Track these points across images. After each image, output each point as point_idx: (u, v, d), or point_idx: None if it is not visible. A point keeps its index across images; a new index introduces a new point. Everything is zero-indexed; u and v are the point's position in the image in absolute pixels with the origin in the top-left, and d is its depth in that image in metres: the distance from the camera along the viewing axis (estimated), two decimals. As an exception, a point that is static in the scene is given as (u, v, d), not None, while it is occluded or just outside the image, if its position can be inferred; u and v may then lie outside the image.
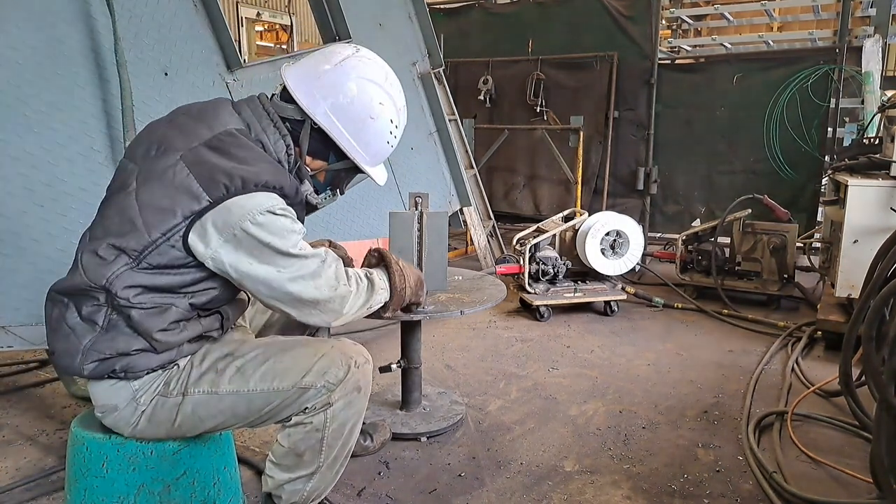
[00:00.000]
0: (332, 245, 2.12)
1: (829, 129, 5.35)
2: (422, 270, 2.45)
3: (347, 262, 2.13)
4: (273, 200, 1.58)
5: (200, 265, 1.58)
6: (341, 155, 1.79)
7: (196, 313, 1.65)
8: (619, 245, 4.41)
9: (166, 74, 3.05)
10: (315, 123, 1.72)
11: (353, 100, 1.73)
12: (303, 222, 1.71)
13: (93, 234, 1.62)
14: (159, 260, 1.54)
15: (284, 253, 1.59)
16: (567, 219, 4.60)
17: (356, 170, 1.85)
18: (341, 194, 1.94)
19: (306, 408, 1.64)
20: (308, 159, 1.78)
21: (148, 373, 1.62)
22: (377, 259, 1.99)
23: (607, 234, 4.37)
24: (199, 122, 1.65)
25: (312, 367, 1.64)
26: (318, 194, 1.84)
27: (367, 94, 1.75)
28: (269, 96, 1.79)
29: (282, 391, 1.63)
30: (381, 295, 1.86)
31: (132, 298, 1.54)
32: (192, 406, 1.63)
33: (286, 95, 1.74)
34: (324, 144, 1.76)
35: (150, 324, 1.57)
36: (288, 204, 1.62)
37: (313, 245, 2.07)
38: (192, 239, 1.54)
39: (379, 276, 1.88)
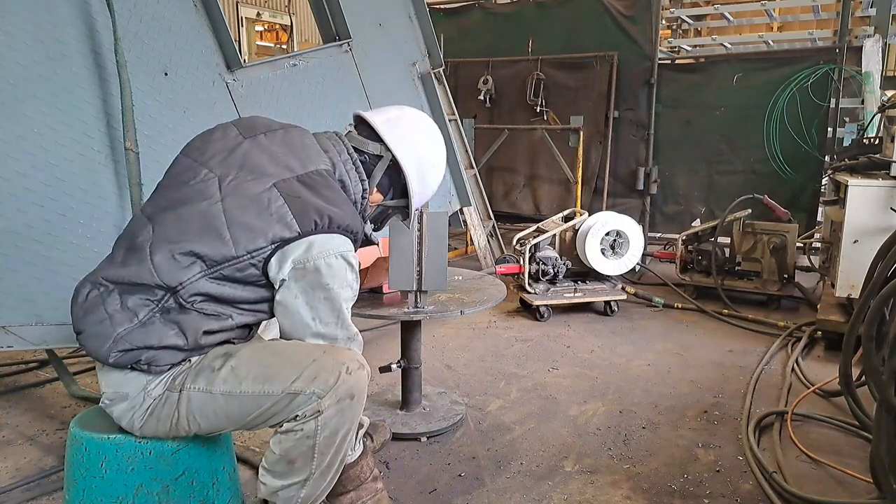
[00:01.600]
0: None
1: (829, 129, 5.35)
2: (422, 270, 2.46)
3: None
4: (349, 246, 1.70)
5: (267, 286, 1.67)
6: (399, 194, 2.00)
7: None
8: (619, 245, 4.41)
9: (166, 74, 3.05)
10: (394, 160, 1.92)
11: (428, 145, 2.01)
12: None
13: (165, 233, 1.63)
14: (236, 274, 1.62)
15: (333, 302, 1.67)
16: (567, 219, 4.60)
17: (403, 209, 2.06)
18: (378, 230, 2.10)
19: (297, 415, 1.61)
20: (373, 190, 1.93)
21: (169, 368, 1.63)
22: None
23: (607, 234, 4.37)
24: (289, 154, 1.75)
25: (303, 372, 1.60)
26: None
27: (437, 143, 2.05)
28: (345, 132, 1.95)
29: (272, 395, 1.61)
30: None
31: (196, 304, 1.61)
32: (188, 403, 1.63)
33: (364, 132, 1.94)
34: (391, 181, 1.97)
35: (201, 324, 1.62)
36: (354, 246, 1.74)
37: None
38: (272, 262, 1.63)
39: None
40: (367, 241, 1.97)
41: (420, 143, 1.98)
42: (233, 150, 1.74)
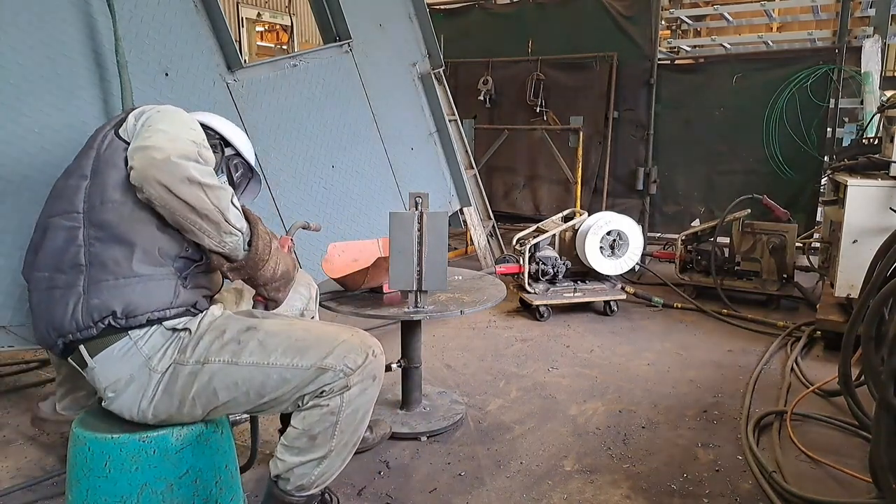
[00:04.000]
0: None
1: (829, 129, 5.36)
2: (422, 270, 2.46)
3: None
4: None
5: None
6: (221, 146, 2.04)
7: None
8: (619, 245, 4.41)
9: (167, 75, 3.05)
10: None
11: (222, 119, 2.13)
12: None
13: (45, 213, 1.75)
14: (106, 156, 1.69)
15: (178, 117, 1.73)
16: (567, 219, 4.61)
17: (238, 157, 2.09)
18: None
19: (323, 390, 1.68)
20: None
21: (149, 320, 1.63)
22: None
23: (607, 233, 4.37)
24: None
25: (333, 349, 1.69)
26: None
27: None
28: None
29: (301, 369, 1.66)
30: (233, 226, 1.69)
31: (107, 196, 1.64)
32: (210, 375, 1.65)
33: None
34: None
35: (127, 216, 1.64)
36: None
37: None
38: (120, 129, 1.73)
39: (238, 208, 1.74)
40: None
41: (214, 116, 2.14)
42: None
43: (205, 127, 1.97)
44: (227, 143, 2.07)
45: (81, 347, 1.64)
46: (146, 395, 1.64)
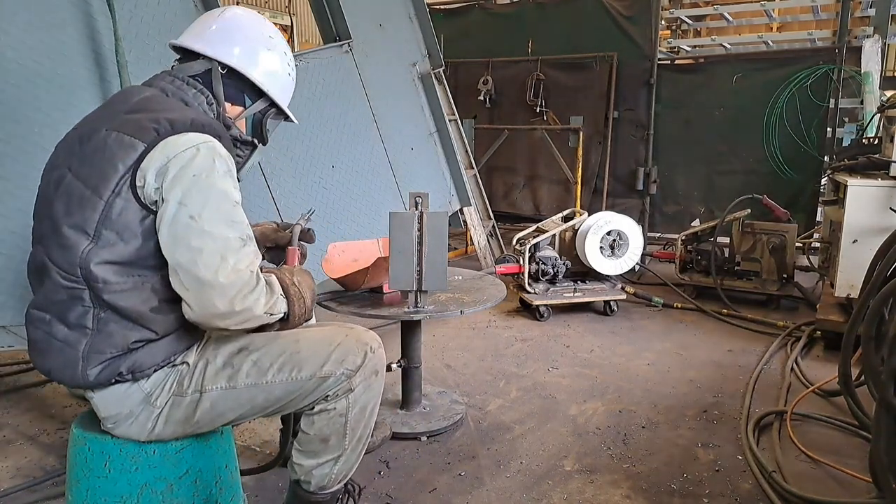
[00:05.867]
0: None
1: (829, 130, 5.36)
2: (422, 270, 2.46)
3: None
4: (206, 138, 1.56)
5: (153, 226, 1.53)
6: (255, 95, 1.83)
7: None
8: (619, 245, 4.41)
9: (167, 75, 3.05)
10: (223, 66, 1.76)
11: (247, 36, 1.81)
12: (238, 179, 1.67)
13: (47, 236, 1.56)
14: (118, 223, 1.50)
15: (208, 194, 1.49)
16: (567, 219, 4.61)
17: (272, 107, 1.87)
18: (265, 143, 1.92)
19: (328, 395, 1.67)
20: (227, 106, 1.80)
21: (155, 370, 1.59)
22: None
23: (607, 233, 4.37)
24: (113, 105, 1.67)
25: (330, 356, 1.66)
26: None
27: (256, 31, 1.84)
28: (171, 68, 1.82)
29: (300, 381, 1.65)
30: (277, 315, 1.62)
31: (110, 279, 1.49)
32: (211, 402, 1.63)
33: (186, 58, 1.79)
34: (236, 88, 1.80)
35: (139, 303, 1.52)
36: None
37: (256, 226, 1.98)
38: (137, 184, 1.50)
39: (278, 291, 1.64)
40: (247, 146, 1.86)
41: (235, 31, 1.81)
42: (73, 138, 1.64)
43: (238, 76, 1.77)
44: (261, 93, 1.83)
45: None
46: (146, 427, 1.62)
